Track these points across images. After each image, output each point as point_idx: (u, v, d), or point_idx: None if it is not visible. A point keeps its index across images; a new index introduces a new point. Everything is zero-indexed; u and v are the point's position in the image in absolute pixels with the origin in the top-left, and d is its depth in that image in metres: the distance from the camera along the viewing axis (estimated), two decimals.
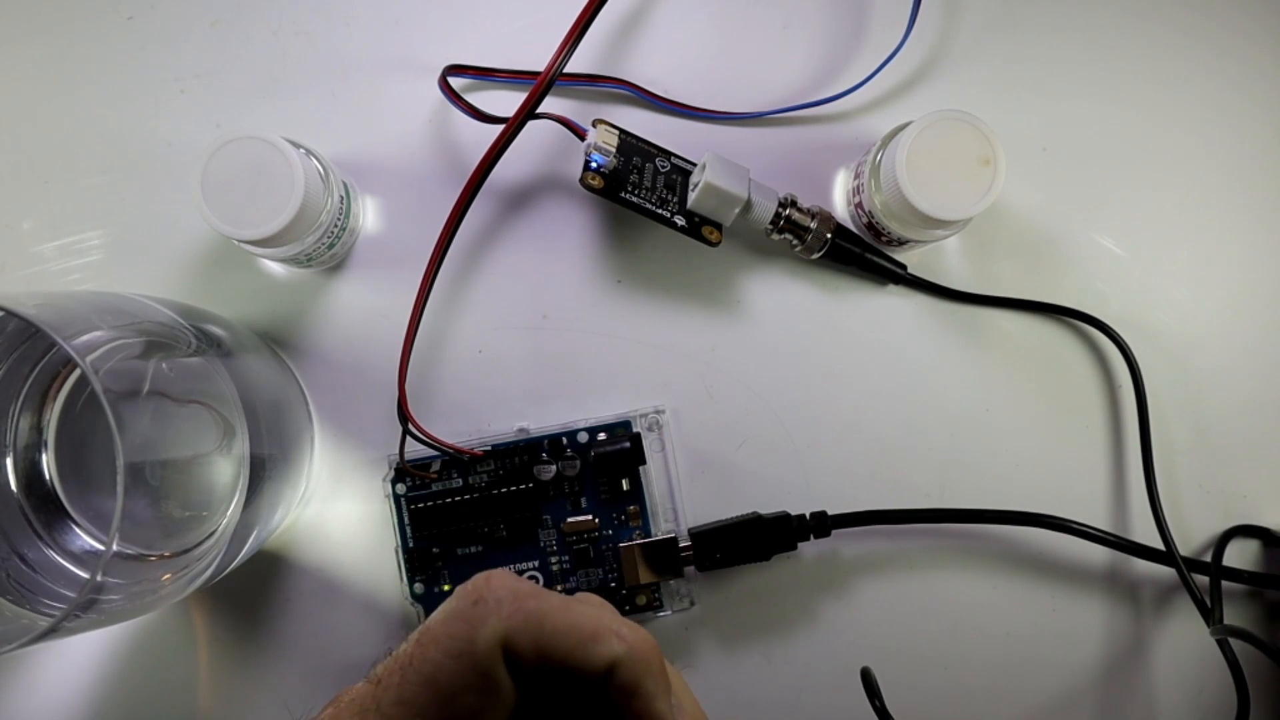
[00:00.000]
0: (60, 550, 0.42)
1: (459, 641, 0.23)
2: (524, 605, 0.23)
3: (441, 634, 0.23)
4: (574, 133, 0.45)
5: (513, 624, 0.23)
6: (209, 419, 0.40)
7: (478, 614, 0.23)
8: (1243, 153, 0.49)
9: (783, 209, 0.45)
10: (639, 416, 0.46)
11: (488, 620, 0.23)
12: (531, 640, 0.23)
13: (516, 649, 0.23)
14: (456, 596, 0.24)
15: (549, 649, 0.23)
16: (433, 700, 0.22)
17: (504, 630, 0.23)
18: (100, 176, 0.48)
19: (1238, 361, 0.48)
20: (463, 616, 0.23)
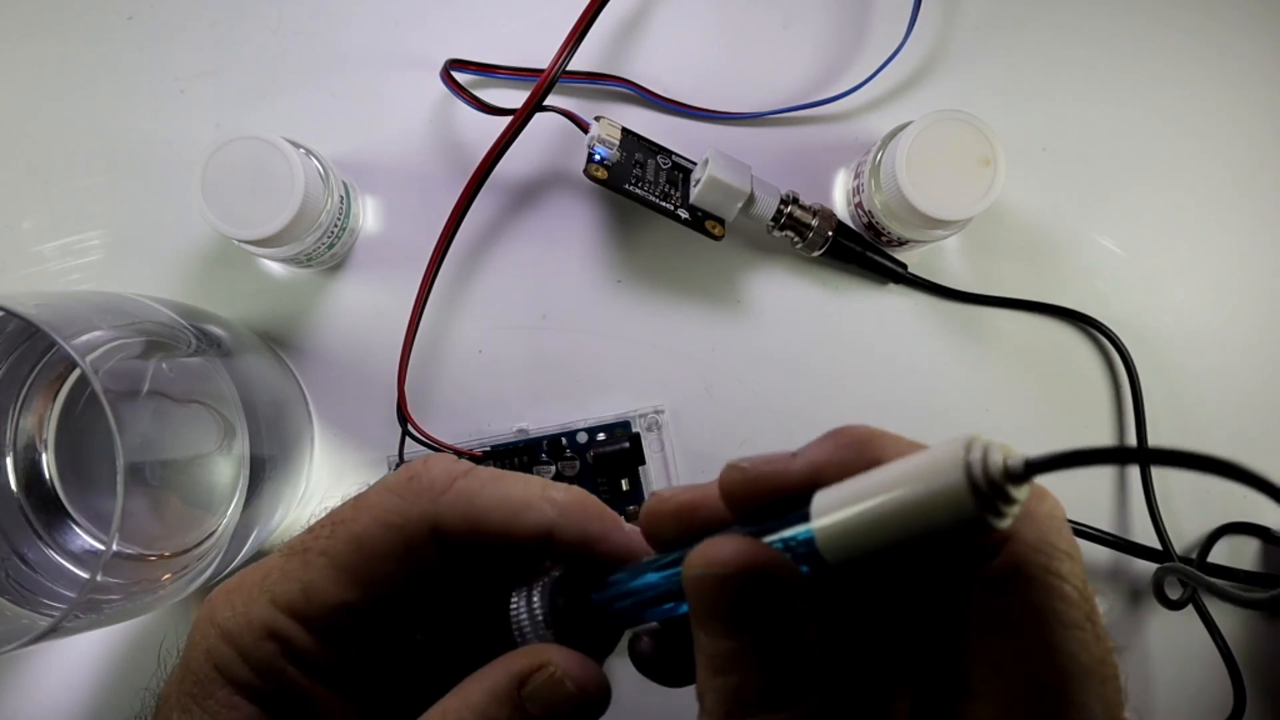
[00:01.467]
0: (60, 550, 0.42)
1: (390, 513, 0.24)
2: (457, 484, 0.24)
3: (375, 502, 0.24)
4: (577, 125, 0.45)
5: (444, 503, 0.24)
6: (209, 419, 0.40)
7: (411, 488, 0.24)
8: (1243, 152, 0.49)
9: (784, 206, 0.45)
10: (638, 417, 0.46)
11: (420, 499, 0.24)
12: (462, 518, 0.23)
13: (447, 527, 0.23)
14: (394, 472, 0.25)
15: (480, 523, 0.23)
16: (355, 557, 0.23)
17: (435, 511, 0.23)
18: (100, 176, 0.48)
19: (1238, 361, 0.48)
20: (397, 489, 0.24)
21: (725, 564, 0.18)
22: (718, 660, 0.19)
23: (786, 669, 0.18)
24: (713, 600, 0.19)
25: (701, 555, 0.19)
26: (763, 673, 0.18)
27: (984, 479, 0.16)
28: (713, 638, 0.19)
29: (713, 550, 0.19)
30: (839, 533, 0.18)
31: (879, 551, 0.18)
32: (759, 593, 0.18)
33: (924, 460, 0.17)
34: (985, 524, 0.16)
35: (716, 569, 0.19)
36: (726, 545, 0.19)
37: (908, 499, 0.17)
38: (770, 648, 0.18)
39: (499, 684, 0.22)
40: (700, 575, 0.19)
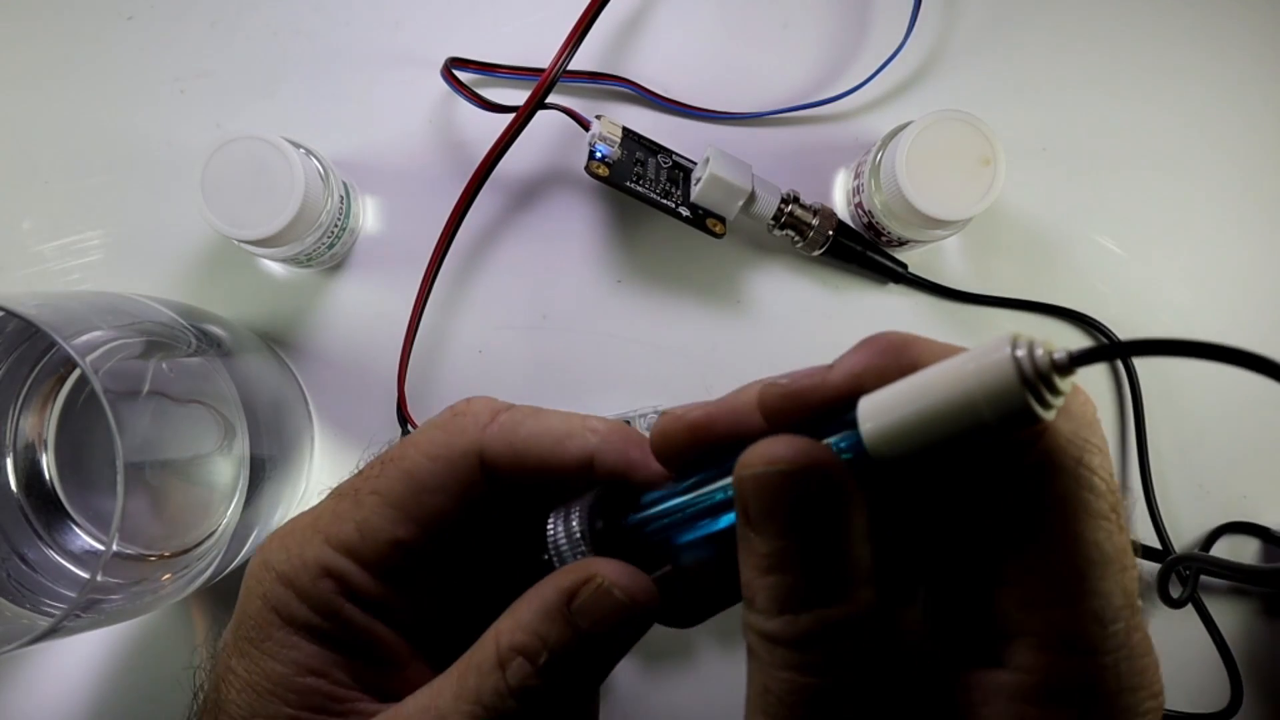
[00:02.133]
0: (60, 550, 0.42)
1: (437, 446, 0.24)
2: (500, 417, 0.25)
3: (422, 439, 0.25)
4: (578, 123, 0.45)
5: (488, 434, 0.24)
6: (209, 419, 0.40)
7: (456, 424, 0.25)
8: (1244, 152, 0.49)
9: (785, 205, 0.45)
10: (638, 417, 0.46)
11: (466, 430, 0.24)
12: (506, 447, 0.24)
13: (493, 458, 0.24)
14: (440, 414, 0.25)
15: (524, 453, 0.24)
16: (406, 492, 0.24)
17: (480, 440, 0.24)
18: (100, 176, 0.48)
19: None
20: (442, 425, 0.25)
21: (788, 461, 0.19)
22: (772, 559, 0.19)
23: (841, 565, 0.19)
24: (770, 498, 0.19)
25: (760, 454, 0.19)
26: (818, 569, 0.19)
27: (1032, 370, 0.17)
28: (767, 537, 0.19)
29: (772, 449, 0.19)
30: (888, 432, 0.18)
31: (926, 448, 0.18)
32: (818, 490, 0.19)
33: (971, 357, 0.18)
34: (1033, 414, 0.17)
35: (780, 466, 0.19)
36: (786, 444, 0.19)
37: (958, 393, 0.17)
38: (826, 544, 0.19)
39: (548, 600, 0.22)
40: (760, 473, 0.19)
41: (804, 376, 0.20)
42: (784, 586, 0.19)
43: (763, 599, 0.19)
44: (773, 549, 0.19)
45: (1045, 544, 0.19)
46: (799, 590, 0.19)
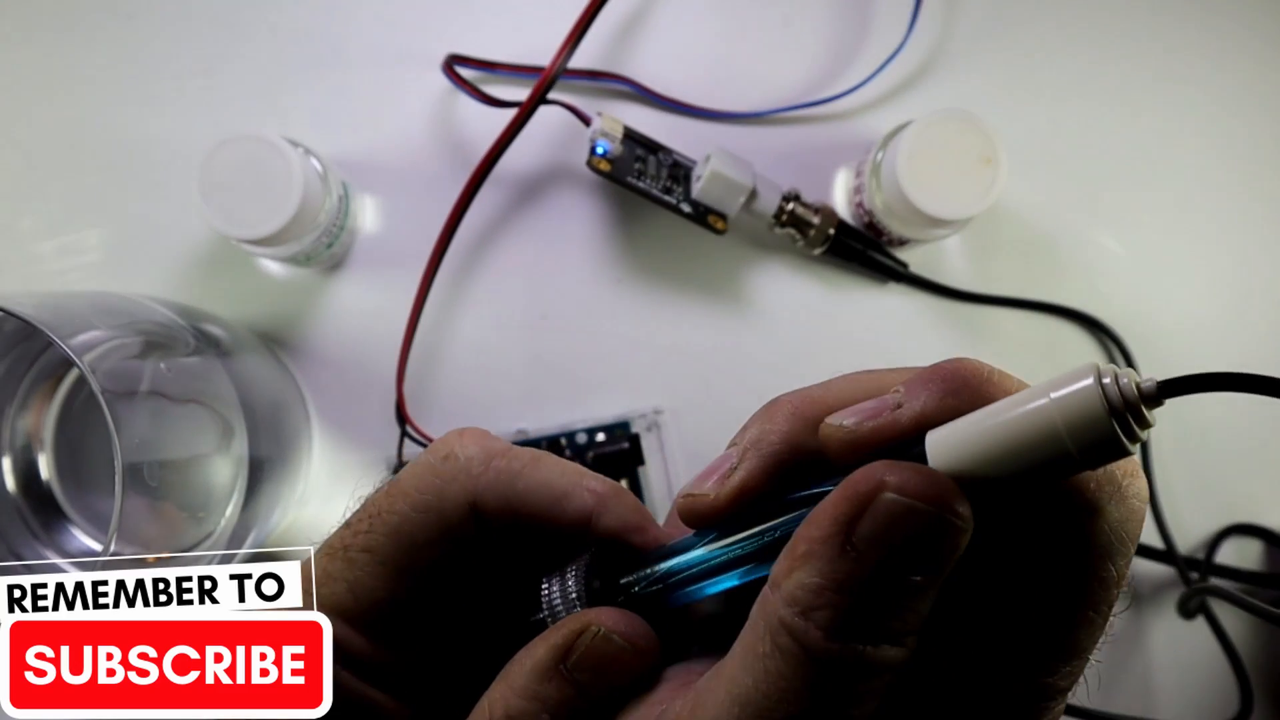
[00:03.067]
0: (58, 551, 0.42)
1: (427, 496, 0.23)
2: (494, 464, 0.23)
3: (410, 488, 0.23)
4: (580, 118, 0.44)
5: (482, 483, 0.23)
6: (207, 419, 0.40)
7: (448, 470, 0.23)
8: (1244, 151, 0.49)
9: (786, 203, 0.45)
10: (638, 417, 0.46)
11: (457, 479, 0.23)
12: (501, 499, 0.23)
13: (486, 508, 0.23)
14: (428, 451, 0.24)
15: (521, 508, 0.23)
16: (397, 549, 0.23)
17: (473, 489, 0.23)
18: (99, 176, 0.48)
19: (1239, 361, 0.48)
20: (432, 470, 0.23)
21: (931, 502, 0.17)
22: (852, 582, 0.18)
23: (914, 611, 0.18)
24: (890, 527, 0.17)
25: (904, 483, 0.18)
26: (894, 608, 0.18)
27: (1119, 400, 0.16)
28: (861, 561, 0.18)
29: (917, 484, 0.17)
30: (962, 465, 0.17)
31: (1001, 483, 0.17)
32: (943, 541, 0.17)
33: (1051, 385, 0.17)
34: (1120, 446, 0.16)
35: (920, 505, 0.17)
36: (932, 483, 0.17)
37: (1040, 423, 0.17)
38: (916, 590, 0.18)
39: (540, 660, 0.21)
40: (894, 501, 0.17)
41: (869, 416, 0.19)
42: (851, 611, 0.18)
43: (825, 616, 0.18)
44: (859, 573, 0.18)
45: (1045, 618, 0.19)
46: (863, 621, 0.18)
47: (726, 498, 0.20)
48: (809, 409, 0.21)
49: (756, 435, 0.21)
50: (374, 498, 0.24)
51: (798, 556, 0.18)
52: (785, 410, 0.21)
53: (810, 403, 0.21)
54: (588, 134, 0.44)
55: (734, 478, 0.20)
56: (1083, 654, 0.19)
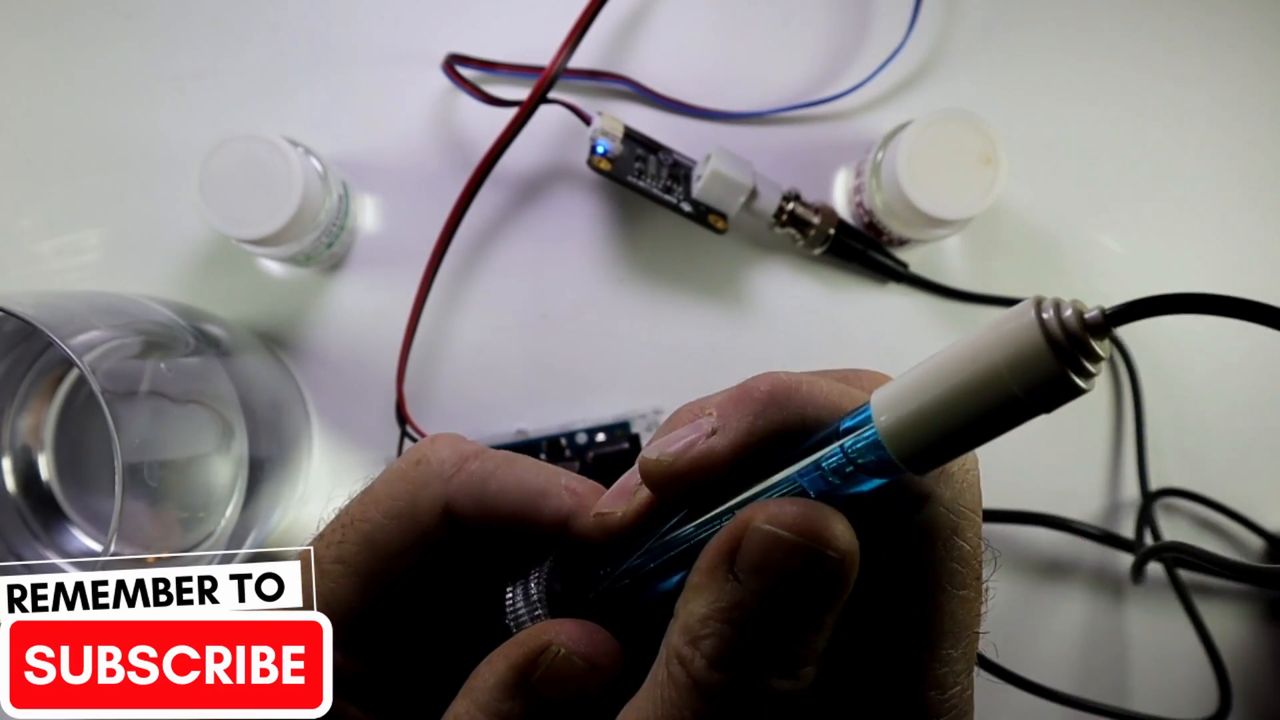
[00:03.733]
0: (58, 551, 0.42)
1: (399, 502, 0.23)
2: (467, 466, 0.23)
3: (383, 494, 0.23)
4: (580, 117, 0.44)
5: (455, 486, 0.22)
6: (207, 419, 0.40)
7: (419, 475, 0.23)
8: (1245, 151, 0.49)
9: (786, 203, 0.45)
10: (638, 417, 0.46)
11: (430, 483, 0.23)
12: (474, 502, 0.22)
13: (459, 511, 0.22)
14: (400, 457, 0.24)
15: (494, 509, 0.22)
16: (370, 558, 0.22)
17: (446, 493, 0.23)
18: (98, 175, 0.48)
19: (1240, 361, 0.48)
20: (404, 476, 0.23)
21: (814, 538, 0.17)
22: (739, 613, 0.18)
23: (808, 643, 0.18)
24: (772, 560, 0.17)
25: (782, 516, 0.18)
26: (784, 640, 0.18)
27: (1061, 333, 0.15)
28: (746, 590, 0.18)
29: (798, 517, 0.17)
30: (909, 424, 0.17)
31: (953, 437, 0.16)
32: (828, 576, 0.17)
33: (993, 325, 0.16)
34: (1070, 384, 0.15)
35: (803, 540, 0.17)
36: (817, 519, 0.18)
37: (980, 367, 0.16)
38: (805, 622, 0.18)
39: (503, 676, 0.21)
40: (771, 533, 0.17)
41: (684, 447, 0.19)
42: (738, 644, 0.18)
43: (711, 645, 0.18)
44: (744, 602, 0.18)
45: (910, 607, 0.19)
46: (754, 653, 0.18)
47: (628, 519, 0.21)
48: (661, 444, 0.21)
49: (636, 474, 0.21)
50: (347, 507, 0.23)
51: (690, 587, 0.18)
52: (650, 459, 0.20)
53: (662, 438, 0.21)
54: (588, 133, 0.44)
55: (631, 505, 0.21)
56: (968, 630, 0.19)
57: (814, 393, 0.19)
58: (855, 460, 0.18)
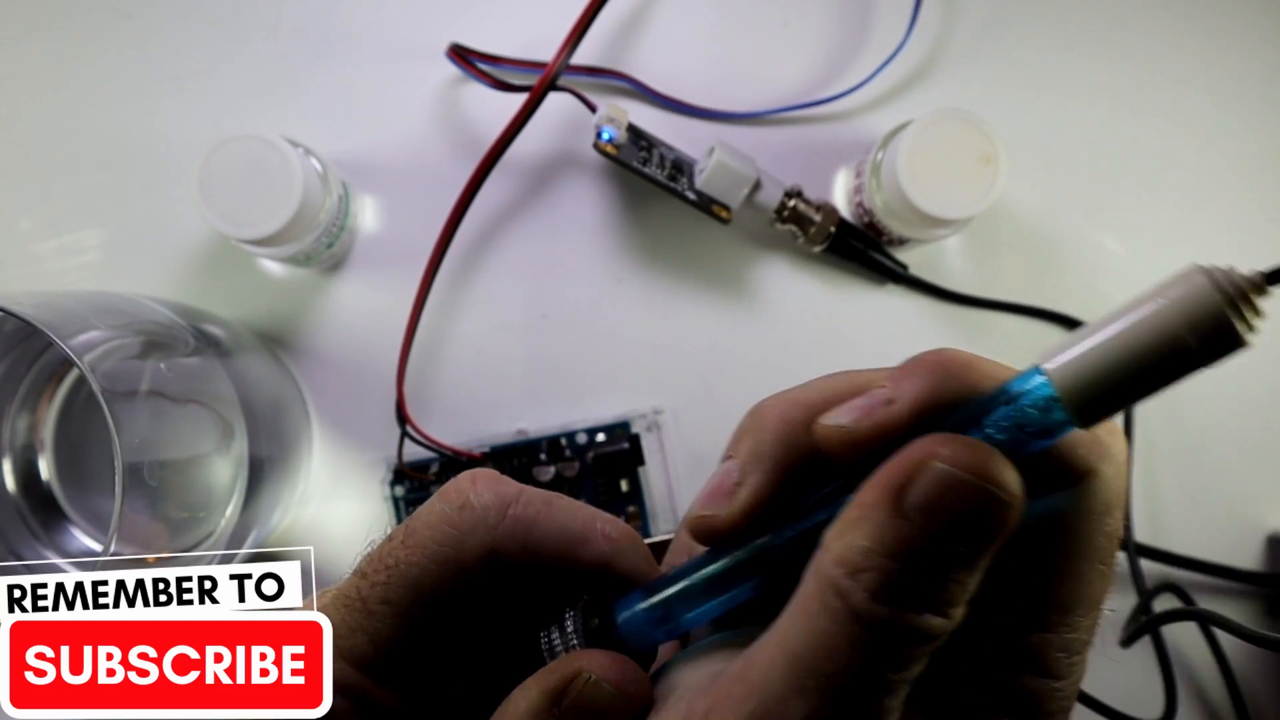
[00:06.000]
0: (58, 551, 0.42)
1: (445, 548, 0.23)
2: (511, 512, 0.23)
3: (428, 539, 0.23)
4: (587, 105, 0.44)
5: (500, 532, 0.23)
6: (207, 419, 0.40)
7: (466, 520, 0.23)
8: (1246, 151, 0.48)
9: (789, 199, 0.45)
10: (638, 417, 0.46)
11: (476, 530, 0.23)
12: (519, 547, 0.23)
13: (504, 555, 0.23)
14: (441, 497, 0.24)
15: (538, 553, 0.23)
16: (417, 603, 0.23)
17: (492, 539, 0.23)
18: (98, 176, 0.48)
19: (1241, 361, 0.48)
20: (449, 521, 0.23)
21: (995, 484, 0.18)
22: (904, 547, 0.18)
23: (964, 581, 0.18)
24: (947, 500, 0.18)
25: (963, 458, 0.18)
26: (946, 578, 0.18)
27: (1231, 287, 0.17)
28: (915, 527, 0.18)
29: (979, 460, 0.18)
30: (1081, 375, 0.18)
31: (1123, 387, 0.18)
32: (996, 518, 0.18)
33: (1158, 289, 0.18)
34: (1236, 335, 0.17)
35: (983, 483, 0.18)
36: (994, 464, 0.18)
37: (1157, 324, 0.17)
38: (968, 561, 0.18)
39: (534, 701, 0.21)
40: (948, 473, 0.18)
41: (864, 414, 0.20)
42: (901, 578, 0.18)
43: (872, 578, 0.18)
44: (907, 538, 0.18)
45: (1051, 573, 0.20)
46: (909, 587, 0.18)
47: (740, 512, 0.21)
48: (795, 412, 0.21)
49: (751, 447, 0.21)
50: (389, 548, 0.24)
51: (849, 520, 0.19)
52: (773, 417, 0.21)
53: (795, 405, 0.21)
54: (593, 120, 0.44)
55: (741, 494, 0.21)
56: (1097, 605, 0.20)
57: (986, 368, 0.20)
58: (1024, 421, 0.19)
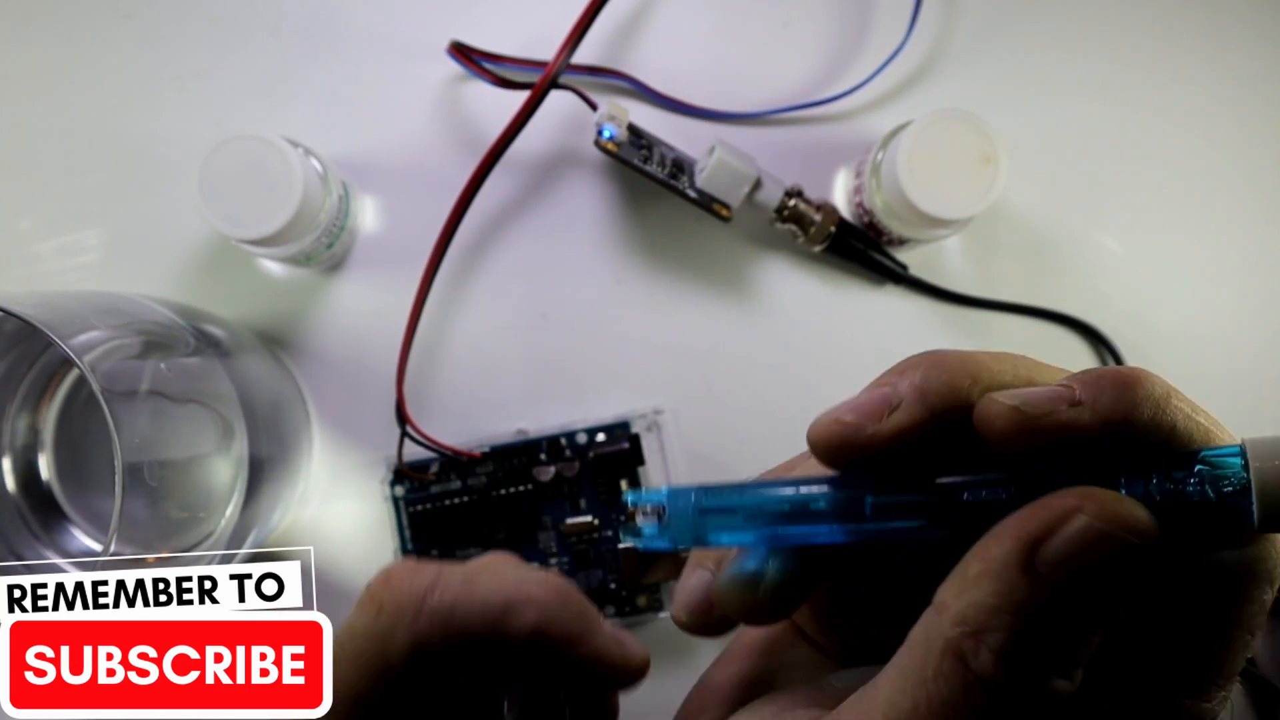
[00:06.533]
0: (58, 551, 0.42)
1: (372, 662, 0.22)
2: (428, 604, 0.23)
3: (352, 654, 0.23)
4: (587, 103, 0.44)
5: (419, 630, 0.22)
6: (207, 419, 0.40)
7: (383, 628, 0.22)
8: (1246, 150, 0.48)
9: (789, 198, 0.45)
10: (638, 417, 0.46)
11: (395, 634, 0.22)
12: (443, 638, 0.22)
13: (431, 648, 0.22)
14: (359, 608, 0.23)
15: (463, 635, 0.22)
16: (360, 711, 0.22)
17: (413, 640, 0.22)
18: (98, 175, 0.48)
19: (1242, 361, 0.48)
20: (368, 634, 0.23)
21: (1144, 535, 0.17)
22: (1032, 608, 0.17)
23: (1088, 639, 0.17)
24: (1094, 557, 0.17)
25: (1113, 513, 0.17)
26: (1075, 637, 0.17)
27: None
28: (1054, 588, 0.17)
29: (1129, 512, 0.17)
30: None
31: None
32: (1135, 569, 0.17)
33: None
34: None
35: (1132, 538, 0.17)
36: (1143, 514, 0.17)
37: None
38: (1098, 619, 0.17)
39: None
40: (1101, 529, 0.17)
41: (1046, 405, 0.18)
42: (1029, 640, 0.17)
43: (998, 640, 0.17)
44: (1039, 596, 0.17)
45: (1197, 640, 0.18)
46: (1039, 648, 0.17)
47: (891, 432, 0.19)
48: (974, 371, 0.19)
49: (921, 382, 0.19)
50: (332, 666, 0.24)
51: (971, 576, 0.17)
52: (953, 365, 0.19)
53: (976, 366, 0.19)
54: (594, 118, 0.44)
55: (898, 416, 0.19)
56: (1233, 675, 0.19)
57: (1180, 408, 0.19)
58: (1206, 493, 0.17)
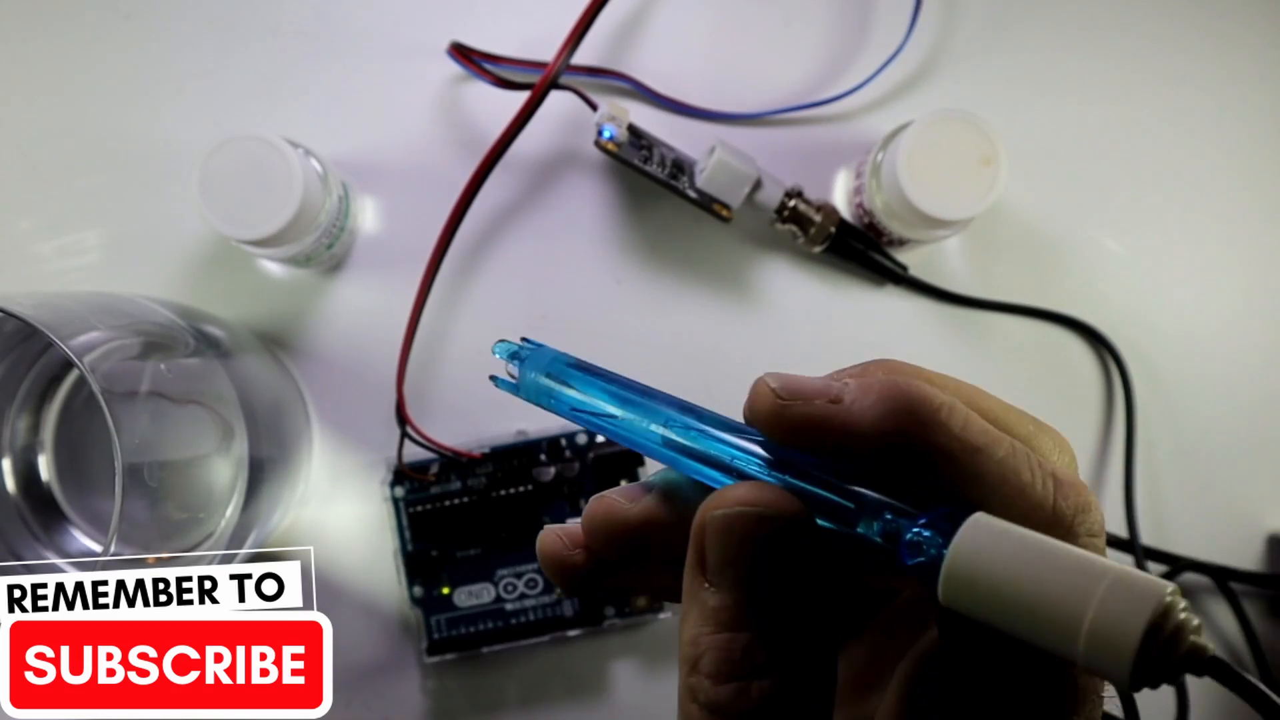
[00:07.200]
0: (58, 552, 0.42)
1: None
2: None
3: None
4: (588, 104, 0.44)
5: None
6: (207, 420, 0.40)
7: None
8: (1246, 151, 0.48)
9: (789, 198, 0.45)
10: None
11: None
12: None
13: None
14: None
15: None
16: None
17: None
18: (98, 176, 0.48)
19: (1242, 361, 0.48)
20: None
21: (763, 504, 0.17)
22: (725, 614, 0.17)
23: (802, 622, 0.17)
24: (735, 544, 0.17)
25: (731, 497, 0.17)
26: (778, 627, 0.17)
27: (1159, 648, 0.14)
28: (723, 588, 0.17)
29: (743, 492, 0.17)
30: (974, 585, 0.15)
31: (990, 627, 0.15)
32: (787, 537, 0.17)
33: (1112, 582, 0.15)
34: (1124, 685, 0.14)
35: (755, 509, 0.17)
36: (757, 489, 0.17)
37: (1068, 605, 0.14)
38: (788, 599, 0.17)
39: None
40: (728, 514, 0.17)
41: (808, 396, 0.18)
42: (738, 647, 0.17)
43: (710, 661, 0.17)
44: (728, 602, 0.17)
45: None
46: (754, 652, 0.17)
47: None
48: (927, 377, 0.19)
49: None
50: None
51: (683, 614, 0.18)
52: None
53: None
54: (594, 118, 0.44)
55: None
56: None
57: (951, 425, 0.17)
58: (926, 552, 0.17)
